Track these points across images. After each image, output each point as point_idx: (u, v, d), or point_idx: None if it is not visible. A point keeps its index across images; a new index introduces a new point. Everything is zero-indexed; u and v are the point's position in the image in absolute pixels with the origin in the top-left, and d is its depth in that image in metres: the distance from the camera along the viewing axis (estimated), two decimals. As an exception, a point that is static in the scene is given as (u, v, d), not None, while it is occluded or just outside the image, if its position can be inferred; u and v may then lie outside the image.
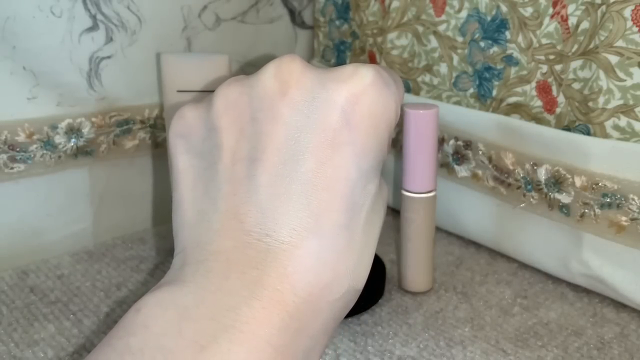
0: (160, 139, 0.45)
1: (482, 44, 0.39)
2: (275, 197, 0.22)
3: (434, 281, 0.38)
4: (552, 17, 0.35)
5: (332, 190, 0.22)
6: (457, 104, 0.42)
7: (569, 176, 0.34)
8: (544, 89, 0.37)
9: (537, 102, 0.37)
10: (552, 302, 0.36)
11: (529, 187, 0.37)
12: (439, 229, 0.44)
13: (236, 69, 0.48)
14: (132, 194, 0.45)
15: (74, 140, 0.40)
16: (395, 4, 0.44)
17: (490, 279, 0.39)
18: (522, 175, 0.37)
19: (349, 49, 0.51)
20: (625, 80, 0.32)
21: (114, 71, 0.41)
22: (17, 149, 0.38)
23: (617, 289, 0.34)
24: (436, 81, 0.43)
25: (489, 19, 0.38)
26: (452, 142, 0.41)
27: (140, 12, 0.41)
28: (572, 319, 0.34)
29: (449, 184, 0.42)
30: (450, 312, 0.35)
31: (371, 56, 0.48)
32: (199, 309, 0.20)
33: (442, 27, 0.41)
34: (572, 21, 0.34)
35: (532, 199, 0.37)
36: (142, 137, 0.44)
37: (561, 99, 0.35)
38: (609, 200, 0.33)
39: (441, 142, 0.42)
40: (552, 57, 0.36)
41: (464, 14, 0.40)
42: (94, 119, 0.41)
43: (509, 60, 0.38)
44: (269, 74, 0.23)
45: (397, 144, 0.45)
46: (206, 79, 0.37)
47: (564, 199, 0.35)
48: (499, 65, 0.39)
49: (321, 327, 0.22)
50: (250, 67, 0.49)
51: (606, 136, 0.33)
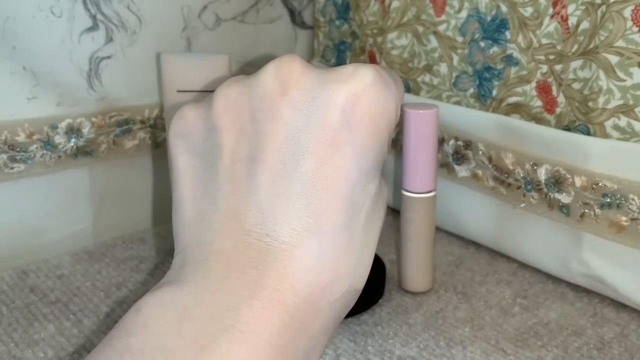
0: (160, 139, 0.45)
1: (482, 44, 0.39)
2: (275, 197, 0.22)
3: (434, 281, 0.38)
4: (552, 17, 0.35)
5: (332, 190, 0.22)
6: (457, 104, 0.42)
7: (569, 176, 0.34)
8: (544, 89, 0.37)
9: (537, 102, 0.37)
10: (552, 302, 0.36)
11: (529, 187, 0.37)
12: (439, 229, 0.44)
13: (236, 69, 0.48)
14: (132, 194, 0.45)
15: (74, 140, 0.40)
16: (395, 4, 0.44)
17: (490, 279, 0.39)
18: (522, 175, 0.37)
19: (349, 49, 0.51)
20: (625, 80, 0.32)
21: (114, 71, 0.41)
22: (17, 149, 0.38)
23: (617, 289, 0.34)
24: (436, 81, 0.43)
25: (489, 19, 0.38)
26: (452, 142, 0.41)
27: (140, 12, 0.41)
28: (572, 319, 0.34)
29: (449, 184, 0.42)
30: (450, 312, 0.35)
31: (371, 56, 0.48)
32: (199, 309, 0.20)
33: (442, 27, 0.41)
34: (572, 21, 0.34)
35: (532, 199, 0.37)
36: (142, 137, 0.44)
37: (561, 99, 0.35)
38: (609, 200, 0.33)
39: (441, 142, 0.42)
40: (552, 57, 0.36)
41: (464, 14, 0.40)
42: (94, 119, 0.41)
43: (509, 60, 0.38)
44: (269, 74, 0.23)
45: (397, 144, 0.45)
46: (206, 79, 0.37)
47: (564, 199, 0.35)
48: (499, 65, 0.39)
49: (321, 327, 0.22)
50: (250, 67, 0.49)
51: (606, 136, 0.33)
